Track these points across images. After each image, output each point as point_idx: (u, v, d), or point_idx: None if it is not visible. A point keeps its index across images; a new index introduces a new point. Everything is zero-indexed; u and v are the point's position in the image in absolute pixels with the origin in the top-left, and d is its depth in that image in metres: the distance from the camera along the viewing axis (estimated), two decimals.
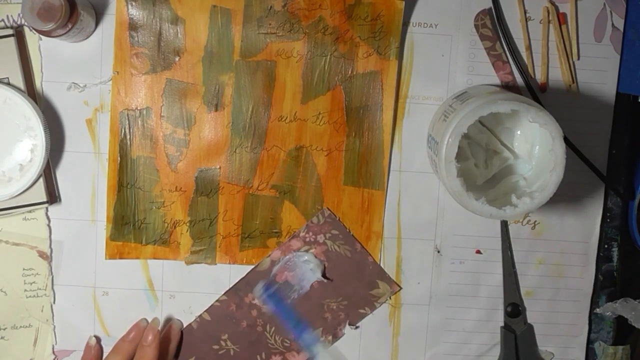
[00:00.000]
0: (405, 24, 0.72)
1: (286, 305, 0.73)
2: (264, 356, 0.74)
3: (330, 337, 0.74)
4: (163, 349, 0.71)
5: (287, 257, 0.72)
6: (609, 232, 0.75)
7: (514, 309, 0.74)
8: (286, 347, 0.74)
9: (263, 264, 0.72)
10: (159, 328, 0.72)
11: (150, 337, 0.70)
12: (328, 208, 0.72)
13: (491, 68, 0.72)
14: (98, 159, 0.72)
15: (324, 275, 0.72)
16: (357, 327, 0.74)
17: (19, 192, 0.68)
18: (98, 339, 0.73)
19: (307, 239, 0.72)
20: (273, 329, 0.73)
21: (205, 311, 0.73)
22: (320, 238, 0.72)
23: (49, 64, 0.71)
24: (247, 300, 0.73)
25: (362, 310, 0.74)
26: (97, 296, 0.73)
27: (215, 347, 0.73)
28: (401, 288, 0.74)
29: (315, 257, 0.72)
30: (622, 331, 0.77)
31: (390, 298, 0.74)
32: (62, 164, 0.72)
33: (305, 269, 0.72)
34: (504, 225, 0.74)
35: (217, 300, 0.73)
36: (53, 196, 0.72)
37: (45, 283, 0.72)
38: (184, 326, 0.73)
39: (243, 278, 0.73)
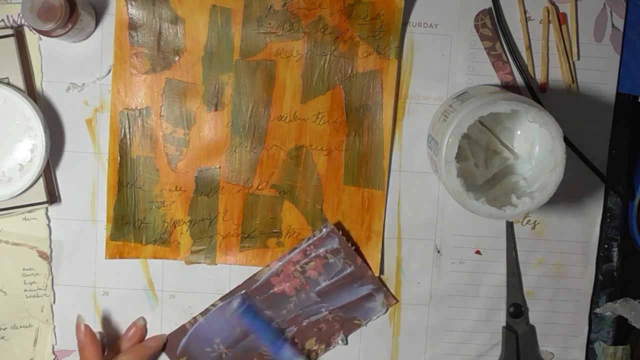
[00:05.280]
0: (405, 23, 0.72)
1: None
2: None
3: (323, 346, 0.74)
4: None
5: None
6: (609, 232, 0.75)
7: (517, 310, 0.74)
8: None
9: (261, 273, 0.72)
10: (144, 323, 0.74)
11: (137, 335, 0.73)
12: (334, 225, 0.71)
13: (491, 68, 0.72)
14: (98, 159, 0.72)
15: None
16: (346, 343, 0.74)
17: (19, 192, 0.68)
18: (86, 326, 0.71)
19: (308, 252, 0.72)
20: None
21: (199, 314, 0.73)
22: (322, 252, 0.72)
23: (49, 64, 0.71)
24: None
25: (356, 322, 0.73)
26: (97, 296, 0.73)
27: (208, 349, 0.73)
28: (397, 301, 0.74)
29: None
30: (622, 331, 0.77)
31: (385, 311, 0.74)
32: (62, 164, 0.72)
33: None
34: (510, 226, 0.74)
35: (212, 305, 0.73)
36: (53, 196, 0.72)
37: (45, 283, 0.72)
38: (180, 325, 0.73)
39: (240, 285, 0.72)
